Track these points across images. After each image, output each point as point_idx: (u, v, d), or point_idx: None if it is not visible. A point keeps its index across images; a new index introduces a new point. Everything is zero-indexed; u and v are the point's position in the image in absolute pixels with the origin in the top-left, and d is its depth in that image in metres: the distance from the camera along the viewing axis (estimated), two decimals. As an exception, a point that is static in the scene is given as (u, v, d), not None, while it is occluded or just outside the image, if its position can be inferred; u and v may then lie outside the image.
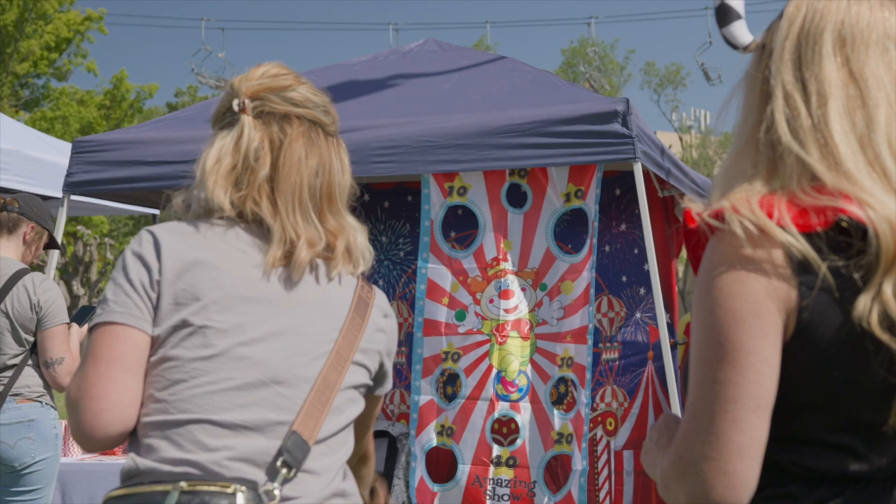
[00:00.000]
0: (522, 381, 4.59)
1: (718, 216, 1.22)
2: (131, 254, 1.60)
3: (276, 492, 1.49)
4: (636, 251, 5.17)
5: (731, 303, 1.19)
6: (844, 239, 1.20)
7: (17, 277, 3.83)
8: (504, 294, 4.61)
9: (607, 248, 5.22)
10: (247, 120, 1.64)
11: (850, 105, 1.23)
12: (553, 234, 4.60)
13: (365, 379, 1.69)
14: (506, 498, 4.53)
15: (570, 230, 4.66)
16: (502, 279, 4.60)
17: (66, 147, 6.31)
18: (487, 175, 4.54)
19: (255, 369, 1.55)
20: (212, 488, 1.46)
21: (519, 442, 4.57)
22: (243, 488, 1.47)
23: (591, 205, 4.46)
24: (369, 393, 1.74)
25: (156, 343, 1.56)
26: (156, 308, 1.56)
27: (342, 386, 1.61)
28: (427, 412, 4.64)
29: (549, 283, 4.60)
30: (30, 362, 3.87)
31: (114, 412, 1.51)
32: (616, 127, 4.19)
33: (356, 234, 1.70)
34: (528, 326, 4.61)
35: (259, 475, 1.51)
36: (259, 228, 1.64)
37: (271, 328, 1.58)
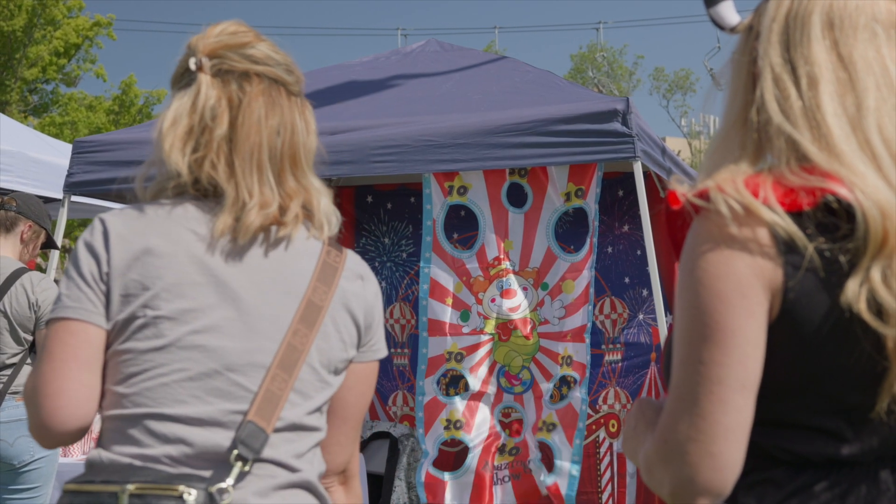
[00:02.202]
0: (526, 376, 4.62)
1: (703, 196, 1.21)
2: (83, 244, 1.53)
3: (230, 488, 1.42)
4: (639, 252, 5.14)
5: (715, 282, 1.17)
6: (831, 220, 1.18)
7: (15, 276, 3.83)
8: (506, 293, 4.60)
9: (610, 250, 5.20)
10: (204, 79, 1.56)
11: (840, 88, 1.22)
12: (554, 233, 4.59)
13: (339, 352, 1.58)
14: (506, 480, 4.60)
15: (571, 231, 4.64)
16: (504, 279, 4.59)
17: (68, 149, 6.30)
18: (487, 174, 4.52)
19: (209, 358, 1.48)
20: (157, 491, 1.41)
21: (523, 434, 4.60)
22: (191, 490, 1.41)
23: (591, 204, 4.44)
24: (353, 361, 1.63)
25: (110, 336, 1.50)
26: (107, 300, 1.50)
27: (307, 365, 1.52)
28: (433, 408, 4.63)
29: (550, 282, 4.59)
30: (29, 361, 3.87)
31: (69, 409, 1.46)
32: (616, 126, 4.16)
33: (319, 197, 1.61)
34: (530, 326, 4.60)
35: (212, 472, 1.44)
36: (212, 201, 1.56)
37: (225, 313, 1.50)
